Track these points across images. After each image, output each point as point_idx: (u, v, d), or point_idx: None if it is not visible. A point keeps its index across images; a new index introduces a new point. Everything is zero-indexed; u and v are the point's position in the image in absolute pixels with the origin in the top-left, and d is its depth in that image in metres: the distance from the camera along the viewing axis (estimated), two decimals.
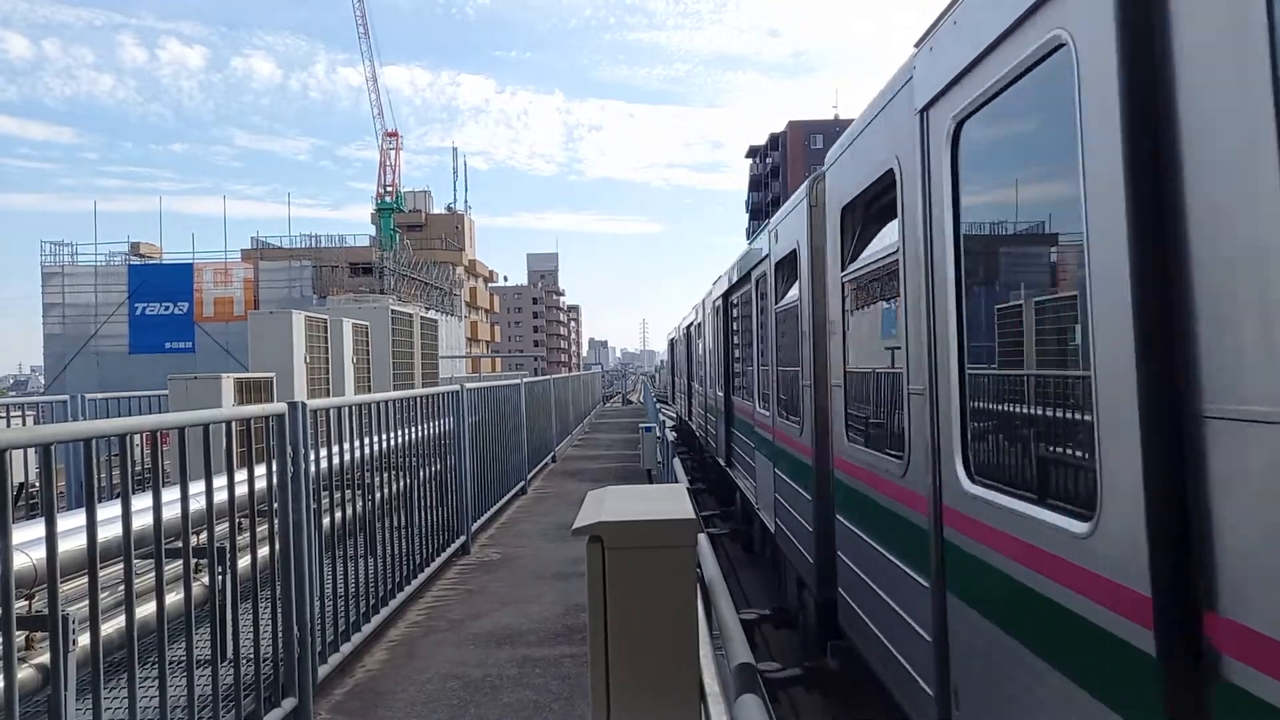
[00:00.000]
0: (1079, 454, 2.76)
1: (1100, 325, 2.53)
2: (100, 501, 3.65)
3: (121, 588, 3.89)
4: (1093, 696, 2.59)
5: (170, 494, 4.16)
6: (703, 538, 4.54)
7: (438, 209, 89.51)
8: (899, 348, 4.56)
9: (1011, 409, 3.36)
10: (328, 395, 14.01)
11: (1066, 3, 2.72)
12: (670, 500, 3.68)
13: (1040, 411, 3.12)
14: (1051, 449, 3.02)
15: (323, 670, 5.76)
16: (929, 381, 3.96)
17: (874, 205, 5.21)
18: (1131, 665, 2.37)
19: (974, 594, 3.49)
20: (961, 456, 3.62)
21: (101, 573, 3.71)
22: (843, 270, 5.70)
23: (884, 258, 4.82)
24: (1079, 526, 2.63)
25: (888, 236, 4.80)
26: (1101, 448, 2.52)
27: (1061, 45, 2.74)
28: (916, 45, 4.16)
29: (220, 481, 5.00)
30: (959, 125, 3.65)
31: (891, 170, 4.57)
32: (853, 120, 5.40)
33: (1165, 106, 2.29)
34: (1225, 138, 2.12)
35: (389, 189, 78.34)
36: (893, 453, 4.66)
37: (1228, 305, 2.11)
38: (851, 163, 5.53)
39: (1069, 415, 2.88)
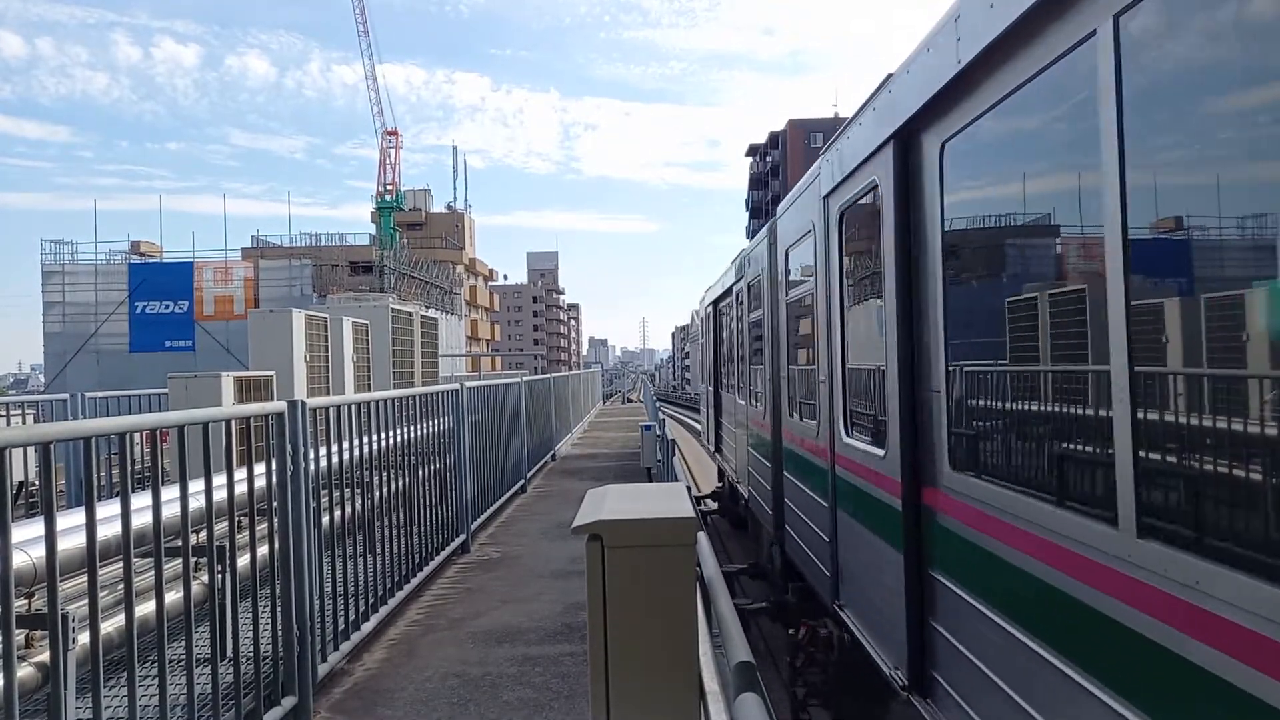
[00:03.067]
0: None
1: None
2: (100, 500, 3.65)
3: (121, 586, 3.89)
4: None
5: (170, 492, 4.16)
6: (702, 536, 4.54)
7: (437, 208, 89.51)
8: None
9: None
10: (327, 394, 14.01)
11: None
12: (670, 499, 3.68)
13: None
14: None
15: (322, 669, 5.76)
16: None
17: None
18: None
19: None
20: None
21: (101, 571, 3.71)
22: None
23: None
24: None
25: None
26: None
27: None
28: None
29: (220, 480, 5.00)
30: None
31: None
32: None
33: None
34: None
35: (389, 187, 78.34)
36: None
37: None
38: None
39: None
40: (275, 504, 5.23)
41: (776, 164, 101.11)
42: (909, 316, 4.36)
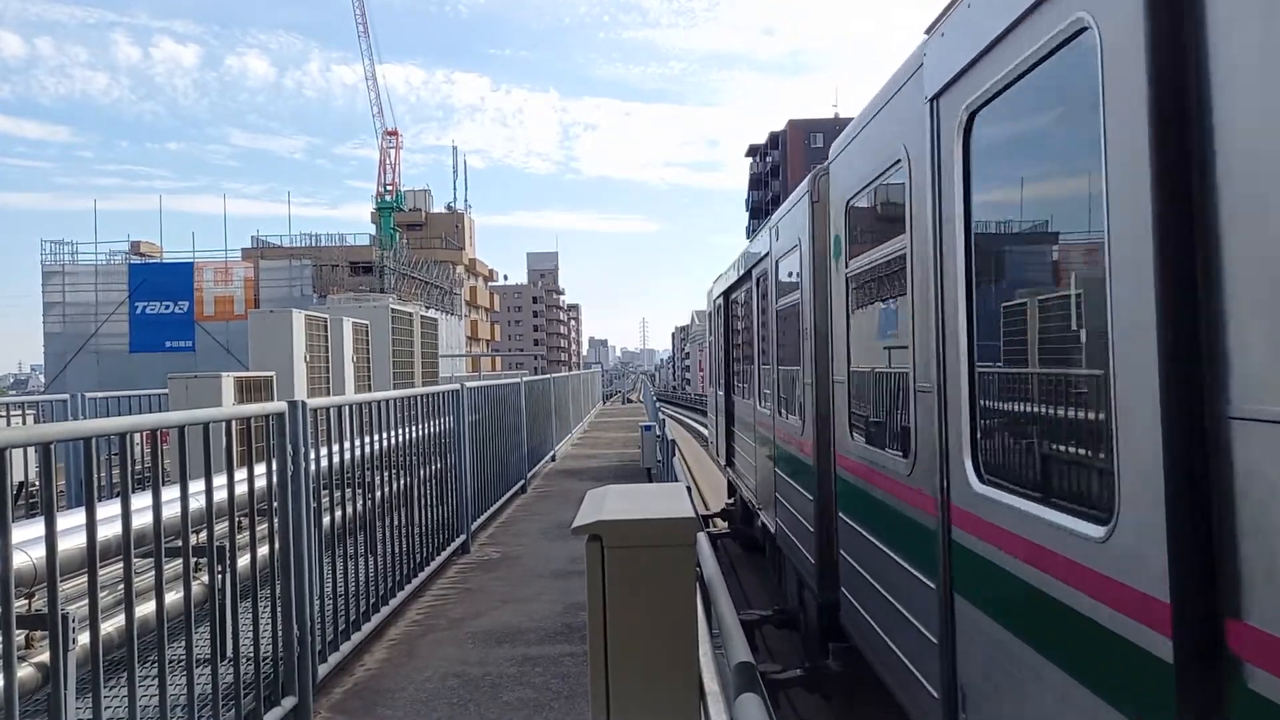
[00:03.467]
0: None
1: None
2: (100, 500, 3.65)
3: (121, 586, 3.89)
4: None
5: (170, 493, 4.16)
6: (702, 536, 4.52)
7: (437, 208, 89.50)
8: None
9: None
10: (328, 394, 14.01)
11: None
12: (670, 499, 3.67)
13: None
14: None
15: (323, 669, 5.76)
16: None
17: None
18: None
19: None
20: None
21: (101, 572, 3.71)
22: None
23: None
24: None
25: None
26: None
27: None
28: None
29: (220, 480, 5.00)
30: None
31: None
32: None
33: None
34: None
35: (389, 188, 78.32)
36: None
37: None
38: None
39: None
40: (275, 504, 5.23)
41: (776, 164, 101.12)
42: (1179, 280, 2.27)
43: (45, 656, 3.82)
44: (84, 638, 3.77)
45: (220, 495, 5.04)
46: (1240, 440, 2.07)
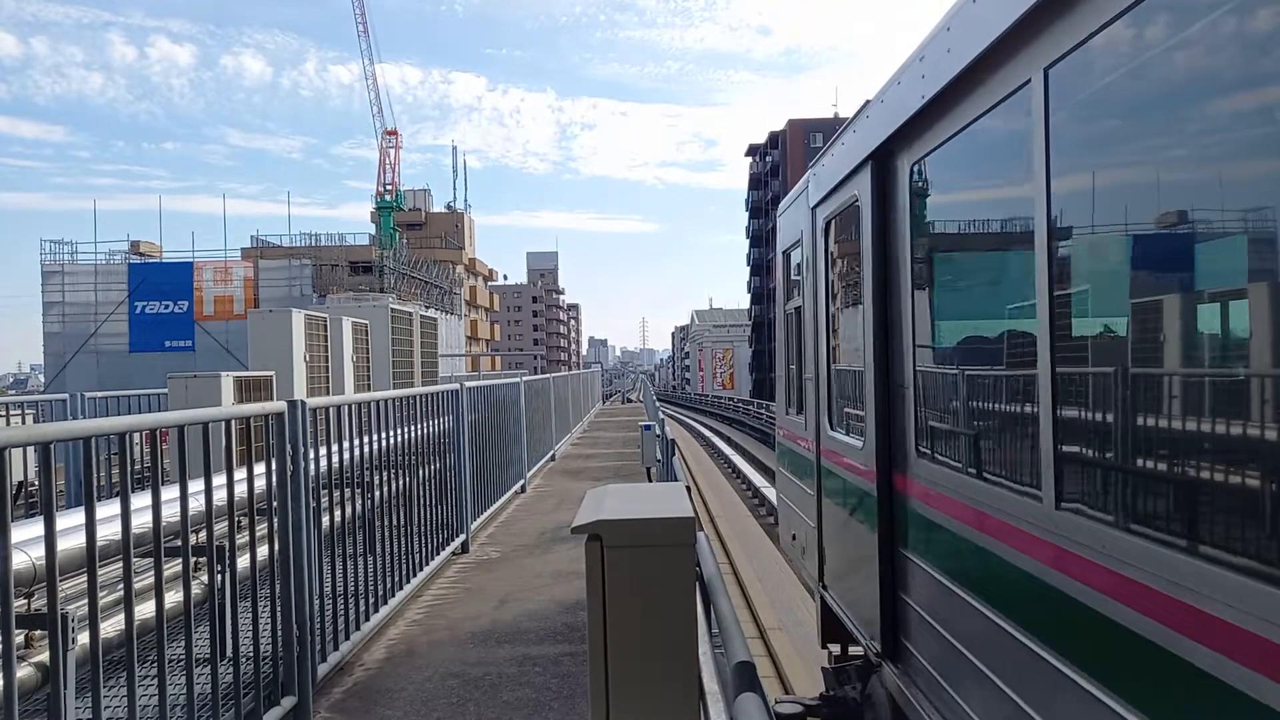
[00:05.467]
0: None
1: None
2: (99, 500, 3.65)
3: (120, 586, 3.89)
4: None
5: (169, 493, 4.16)
6: (701, 536, 4.52)
7: (437, 208, 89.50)
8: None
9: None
10: (327, 394, 14.01)
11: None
12: (669, 499, 3.68)
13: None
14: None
15: (322, 669, 5.76)
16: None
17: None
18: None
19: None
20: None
21: (101, 571, 3.71)
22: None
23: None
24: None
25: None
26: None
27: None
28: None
29: (220, 480, 4.99)
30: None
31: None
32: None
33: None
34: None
35: (389, 188, 78.21)
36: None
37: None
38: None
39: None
40: (275, 504, 5.23)
41: (776, 164, 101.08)
42: None
43: (45, 656, 3.82)
44: (84, 637, 3.77)
45: (220, 495, 5.04)
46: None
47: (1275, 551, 2.06)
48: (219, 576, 4.89)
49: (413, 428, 8.34)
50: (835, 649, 6.29)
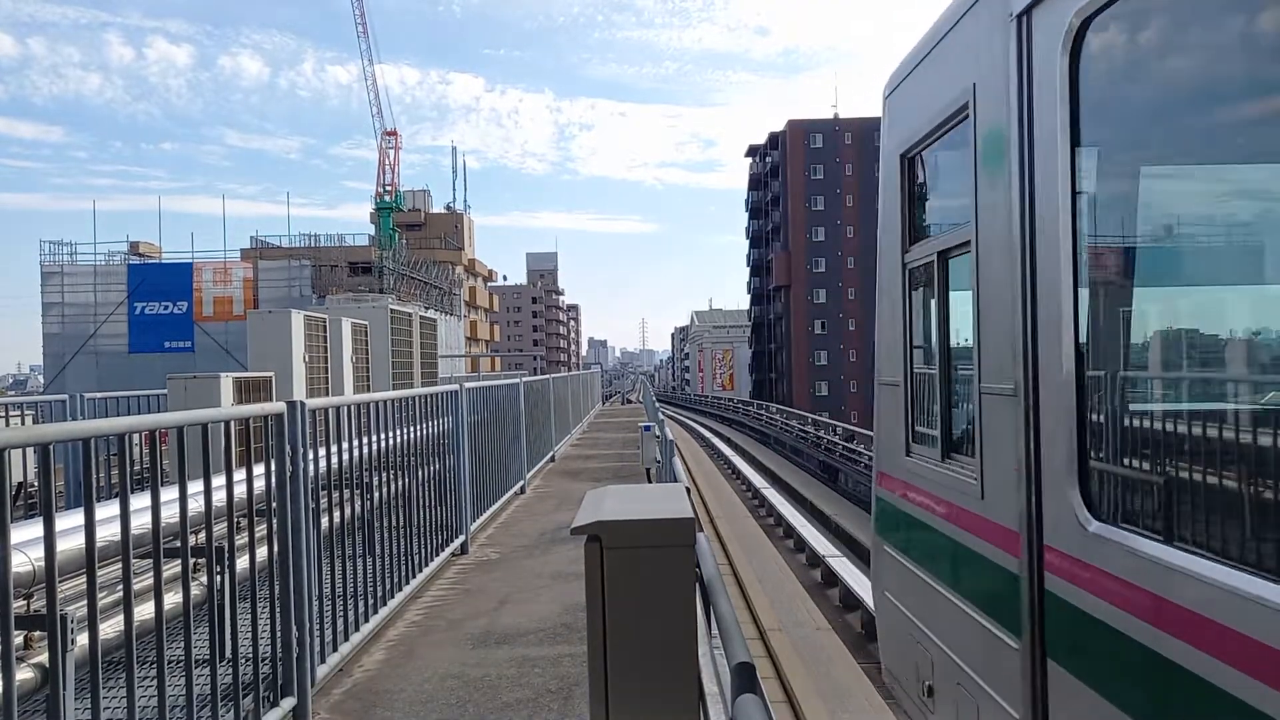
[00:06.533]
0: None
1: None
2: (99, 501, 3.65)
3: (120, 587, 3.89)
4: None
5: (169, 493, 4.16)
6: (702, 536, 4.52)
7: (436, 208, 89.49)
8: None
9: None
10: (327, 395, 14.01)
11: None
12: (669, 499, 3.67)
13: None
14: None
15: (321, 670, 5.75)
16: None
17: None
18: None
19: None
20: None
21: (100, 572, 3.71)
22: None
23: None
24: None
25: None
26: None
27: None
28: None
29: (219, 481, 4.99)
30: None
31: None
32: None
33: None
34: None
35: (388, 188, 78.18)
36: None
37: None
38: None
39: None
40: (274, 505, 5.22)
41: (776, 164, 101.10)
42: None
43: (44, 657, 3.82)
44: (83, 638, 3.77)
45: (219, 496, 5.04)
46: None
47: None
48: (218, 577, 4.89)
49: (412, 429, 8.34)
50: None
